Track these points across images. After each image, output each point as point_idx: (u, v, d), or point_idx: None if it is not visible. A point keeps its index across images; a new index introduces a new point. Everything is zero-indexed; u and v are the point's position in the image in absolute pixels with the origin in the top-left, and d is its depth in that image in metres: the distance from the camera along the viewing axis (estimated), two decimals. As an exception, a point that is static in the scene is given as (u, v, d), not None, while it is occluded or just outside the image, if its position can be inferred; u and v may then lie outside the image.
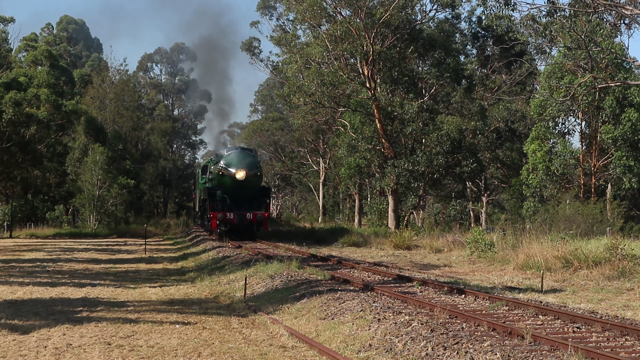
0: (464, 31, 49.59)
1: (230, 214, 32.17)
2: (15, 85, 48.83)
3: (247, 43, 69.07)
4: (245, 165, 32.54)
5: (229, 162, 32.78)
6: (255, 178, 33.10)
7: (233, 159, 32.89)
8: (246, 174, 32.28)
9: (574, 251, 20.91)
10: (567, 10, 27.42)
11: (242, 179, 32.19)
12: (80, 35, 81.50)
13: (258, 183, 33.66)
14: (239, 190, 32.62)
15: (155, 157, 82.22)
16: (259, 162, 34.94)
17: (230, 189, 32.65)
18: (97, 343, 10.78)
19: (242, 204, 32.65)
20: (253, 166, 33.05)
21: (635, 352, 9.48)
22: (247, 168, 32.47)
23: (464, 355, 9.16)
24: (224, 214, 32.10)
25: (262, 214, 32.57)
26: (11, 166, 49.36)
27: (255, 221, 32.38)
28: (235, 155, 33.28)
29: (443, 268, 22.95)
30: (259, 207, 33.08)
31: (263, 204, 33.46)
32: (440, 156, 38.02)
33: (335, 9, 38.73)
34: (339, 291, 14.59)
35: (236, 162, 32.70)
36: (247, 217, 32.25)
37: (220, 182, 33.02)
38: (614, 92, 35.61)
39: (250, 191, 32.99)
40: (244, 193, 32.77)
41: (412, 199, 43.47)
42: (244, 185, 32.50)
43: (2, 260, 26.13)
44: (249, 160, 33.18)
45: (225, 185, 32.77)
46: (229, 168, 32.55)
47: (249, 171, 32.53)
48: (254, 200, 33.13)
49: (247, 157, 33.45)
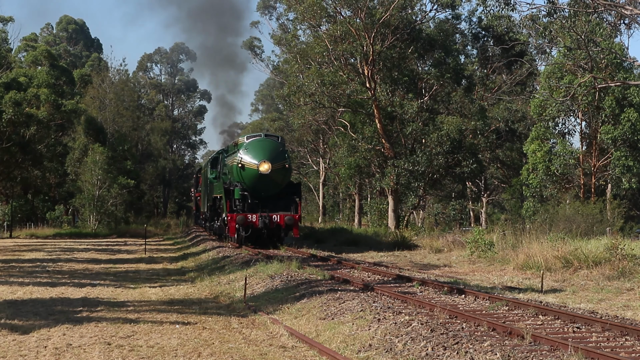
0: (464, 31, 49.61)
1: (252, 215, 26.86)
2: (15, 85, 48.81)
3: (248, 43, 69.11)
4: (270, 156, 27.23)
5: (251, 152, 27.36)
6: (283, 171, 27.72)
7: (255, 148, 27.49)
8: (272, 166, 26.95)
9: (574, 251, 20.92)
10: (567, 10, 27.42)
11: (266, 173, 26.86)
12: (80, 35, 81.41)
13: (286, 177, 28.24)
14: (263, 187, 27.44)
15: (155, 157, 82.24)
16: (287, 151, 29.11)
17: (252, 185, 27.43)
18: (97, 343, 10.79)
19: (266, 203, 27.65)
20: (280, 157, 27.68)
21: (635, 352, 9.48)
22: (272, 159, 27.21)
23: (464, 355, 9.16)
24: (244, 216, 26.74)
25: (291, 216, 27.08)
26: (11, 166, 49.37)
27: (283, 224, 27.06)
28: (258, 144, 27.79)
29: (443, 268, 22.96)
30: (287, 207, 27.73)
31: (292, 203, 27.92)
32: (440, 156, 38.00)
33: (335, 9, 38.72)
34: (339, 291, 14.59)
35: (259, 151, 27.33)
36: (274, 220, 26.92)
37: (239, 176, 27.58)
38: (614, 92, 35.60)
39: (276, 187, 27.73)
40: (268, 190, 27.58)
41: (412, 199, 43.46)
42: (269, 181, 27.24)
43: (2, 260, 26.14)
44: (275, 150, 27.74)
45: (245, 180, 27.45)
46: (250, 159, 27.20)
47: (276, 163, 27.22)
48: (280, 198, 27.91)
49: (273, 146, 27.90)
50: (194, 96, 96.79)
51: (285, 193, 28.07)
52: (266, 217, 26.83)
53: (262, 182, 27.21)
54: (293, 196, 28.14)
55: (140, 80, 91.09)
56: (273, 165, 27.00)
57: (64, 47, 76.65)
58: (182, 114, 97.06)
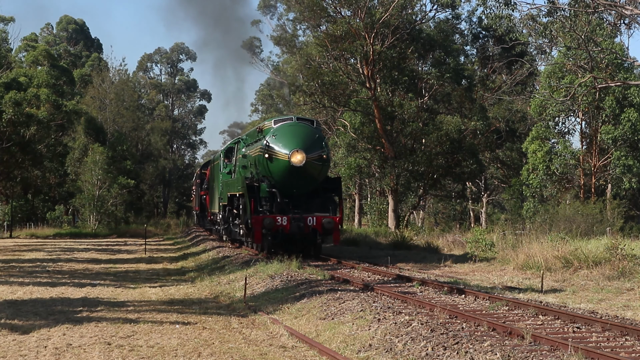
0: (464, 31, 49.65)
1: (282, 218, 21.99)
2: (15, 85, 48.82)
3: (248, 42, 69.14)
4: (304, 144, 22.20)
5: (280, 139, 22.37)
6: (320, 163, 22.64)
7: (286, 135, 22.48)
8: (306, 156, 21.96)
9: (574, 251, 20.92)
10: (567, 10, 27.42)
11: (300, 165, 21.93)
12: (80, 35, 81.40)
13: (323, 171, 23.09)
14: (295, 182, 22.51)
15: (155, 157, 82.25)
16: (324, 138, 23.69)
17: (282, 181, 22.53)
18: (97, 343, 10.79)
19: (298, 203, 22.82)
20: (316, 145, 22.52)
21: (635, 352, 9.48)
22: (307, 148, 22.16)
23: (464, 355, 9.16)
24: (272, 219, 21.85)
25: (330, 218, 22.13)
26: (11, 166, 49.37)
27: (320, 229, 22.14)
28: (289, 129, 22.70)
29: (443, 268, 22.95)
30: (324, 207, 22.87)
31: (330, 202, 23.14)
32: (440, 156, 38.00)
33: (335, 9, 38.72)
34: (339, 291, 14.59)
35: (291, 138, 22.36)
36: (309, 223, 22.10)
37: (266, 169, 22.68)
38: (614, 92, 35.61)
39: (311, 183, 22.80)
40: (302, 186, 22.71)
41: (412, 199, 43.46)
42: (302, 175, 22.29)
43: (2, 260, 26.14)
44: (310, 136, 22.62)
45: (273, 174, 22.54)
46: (279, 148, 22.26)
47: (311, 152, 22.18)
48: (316, 197, 23.11)
49: (307, 132, 22.80)
50: (194, 96, 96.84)
51: (323, 190, 23.29)
52: (299, 220, 21.98)
53: (295, 176, 22.24)
54: (331, 194, 23.50)
55: (141, 80, 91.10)
56: (308, 156, 21.99)
57: (64, 47, 76.67)
58: (182, 114, 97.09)
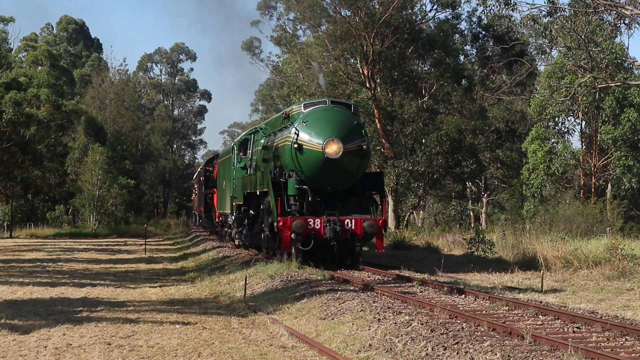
0: (464, 31, 49.67)
1: (314, 220, 18.70)
2: (15, 85, 48.82)
3: (248, 43, 69.11)
4: (341, 132, 18.97)
5: (312, 127, 19.14)
6: (360, 155, 19.41)
7: (319, 121, 19.25)
8: (343, 147, 18.82)
9: (574, 251, 20.94)
10: (567, 10, 27.43)
11: (336, 157, 18.77)
12: (80, 35, 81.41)
13: (363, 164, 19.76)
14: (330, 178, 19.31)
15: (155, 157, 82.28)
16: (363, 126, 20.35)
17: (314, 176, 19.26)
18: (97, 343, 10.79)
19: (333, 202, 19.43)
20: (355, 134, 19.32)
21: (635, 352, 9.48)
22: (344, 137, 18.97)
23: (464, 355, 9.16)
24: (304, 221, 18.53)
25: (373, 221, 18.80)
26: (11, 166, 49.37)
27: (360, 234, 18.82)
28: (323, 115, 19.44)
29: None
30: (363, 207, 19.60)
31: (370, 202, 20.03)
32: (440, 156, 38.00)
33: (335, 9, 38.73)
34: (339, 291, 14.59)
35: (325, 125, 19.11)
36: (347, 227, 18.75)
37: (294, 162, 19.36)
38: (614, 92, 35.63)
39: (348, 179, 19.56)
40: (337, 182, 19.51)
41: (412, 199, 43.44)
42: (338, 169, 19.12)
43: (2, 260, 26.14)
44: (348, 123, 19.37)
45: (303, 168, 19.29)
46: (311, 137, 19.05)
47: (349, 143, 19.01)
48: (353, 195, 19.85)
49: (344, 118, 19.51)
50: (194, 96, 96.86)
51: (363, 188, 20.10)
52: (336, 223, 18.61)
53: (329, 170, 19.08)
54: (372, 192, 20.51)
55: (141, 80, 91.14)
56: (345, 146, 18.87)
57: (64, 47, 76.66)
58: (182, 114, 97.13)
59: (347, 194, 19.74)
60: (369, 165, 20.25)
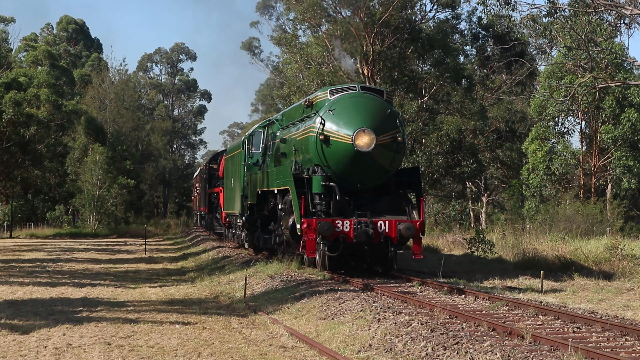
0: (464, 31, 49.67)
1: (343, 222, 16.44)
2: (15, 85, 48.83)
3: (247, 43, 69.08)
4: (373, 122, 16.83)
5: (340, 116, 17.02)
6: (395, 148, 17.22)
7: (347, 109, 17.10)
8: (376, 139, 16.62)
9: (574, 251, 20.94)
10: (567, 10, 27.44)
11: (367, 150, 16.61)
12: (80, 35, 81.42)
13: (397, 159, 17.54)
14: (361, 174, 17.17)
15: (155, 157, 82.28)
16: (398, 115, 18.06)
17: (342, 171, 17.10)
18: (97, 343, 10.79)
19: (363, 201, 17.27)
20: (389, 124, 17.18)
21: (635, 352, 9.48)
22: (377, 127, 16.80)
23: (464, 355, 9.16)
24: (331, 223, 16.30)
25: (410, 224, 16.69)
26: (11, 166, 49.40)
27: (395, 237, 16.70)
28: (352, 102, 17.31)
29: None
30: (398, 207, 17.55)
31: (405, 201, 17.95)
32: (440, 156, 37.99)
33: (335, 9, 38.72)
34: (339, 291, 14.59)
35: (355, 114, 16.96)
36: (379, 229, 16.59)
37: (319, 156, 17.16)
38: (614, 92, 35.63)
39: (381, 175, 17.48)
40: (369, 179, 17.40)
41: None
42: (370, 163, 16.99)
43: (2, 260, 26.14)
44: (381, 112, 17.24)
45: (330, 162, 17.08)
46: (339, 127, 16.89)
47: (382, 134, 16.85)
48: (386, 193, 17.78)
49: (377, 106, 17.37)
50: (194, 96, 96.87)
51: (396, 185, 18.01)
52: (367, 225, 16.46)
53: (360, 165, 16.95)
54: (407, 190, 18.32)
55: (141, 80, 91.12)
56: (378, 138, 16.66)
57: (64, 47, 76.66)
58: (182, 114, 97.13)
59: (379, 192, 17.64)
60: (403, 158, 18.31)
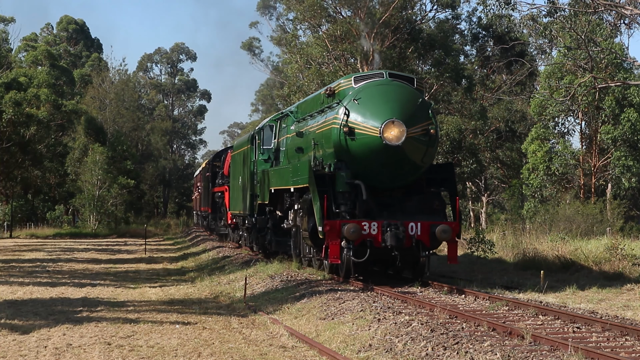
0: (464, 31, 49.67)
1: (371, 224, 14.91)
2: (15, 85, 48.83)
3: (247, 43, 69.08)
4: (403, 113, 15.22)
5: (366, 106, 15.41)
6: (426, 141, 15.58)
7: (374, 99, 15.48)
8: (407, 131, 15.03)
9: (574, 251, 20.92)
10: (567, 10, 27.44)
11: (397, 144, 14.99)
12: (80, 35, 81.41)
13: (430, 153, 15.94)
14: (390, 171, 15.60)
15: (155, 157, 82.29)
16: (431, 105, 16.44)
17: (368, 168, 15.54)
18: (97, 343, 10.79)
19: (392, 201, 15.90)
20: (421, 115, 15.61)
21: (635, 352, 9.48)
22: (408, 118, 15.21)
23: (464, 355, 9.16)
24: (357, 225, 14.73)
25: (446, 226, 15.23)
26: (11, 166, 49.41)
27: (427, 241, 15.25)
28: (379, 91, 15.67)
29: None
30: (431, 208, 15.97)
31: (438, 201, 16.28)
32: (440, 156, 37.99)
33: (335, 9, 38.71)
34: (339, 291, 14.59)
35: (382, 104, 15.34)
36: (410, 233, 15.06)
37: (342, 151, 15.57)
38: (614, 92, 35.61)
39: (412, 172, 15.88)
40: (398, 176, 15.83)
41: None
42: (400, 159, 15.39)
43: (2, 260, 26.14)
44: (412, 102, 15.61)
45: (355, 158, 15.50)
46: (365, 118, 15.27)
47: (413, 126, 15.27)
48: (416, 193, 16.15)
49: (406, 95, 15.74)
50: (194, 96, 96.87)
51: (428, 184, 16.30)
52: (398, 228, 14.91)
53: (389, 161, 15.29)
54: (439, 188, 16.52)
55: (140, 80, 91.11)
56: (409, 130, 15.07)
57: (64, 47, 76.65)
58: (182, 114, 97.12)
59: (409, 191, 16.06)
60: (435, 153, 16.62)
